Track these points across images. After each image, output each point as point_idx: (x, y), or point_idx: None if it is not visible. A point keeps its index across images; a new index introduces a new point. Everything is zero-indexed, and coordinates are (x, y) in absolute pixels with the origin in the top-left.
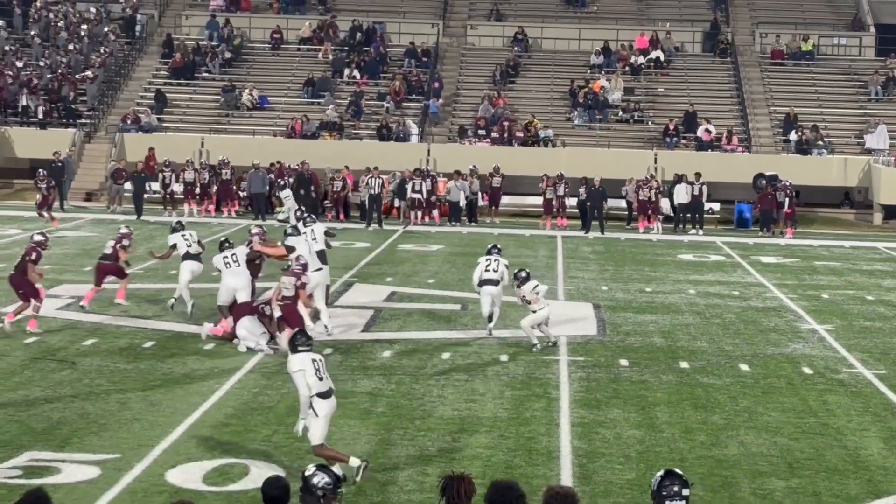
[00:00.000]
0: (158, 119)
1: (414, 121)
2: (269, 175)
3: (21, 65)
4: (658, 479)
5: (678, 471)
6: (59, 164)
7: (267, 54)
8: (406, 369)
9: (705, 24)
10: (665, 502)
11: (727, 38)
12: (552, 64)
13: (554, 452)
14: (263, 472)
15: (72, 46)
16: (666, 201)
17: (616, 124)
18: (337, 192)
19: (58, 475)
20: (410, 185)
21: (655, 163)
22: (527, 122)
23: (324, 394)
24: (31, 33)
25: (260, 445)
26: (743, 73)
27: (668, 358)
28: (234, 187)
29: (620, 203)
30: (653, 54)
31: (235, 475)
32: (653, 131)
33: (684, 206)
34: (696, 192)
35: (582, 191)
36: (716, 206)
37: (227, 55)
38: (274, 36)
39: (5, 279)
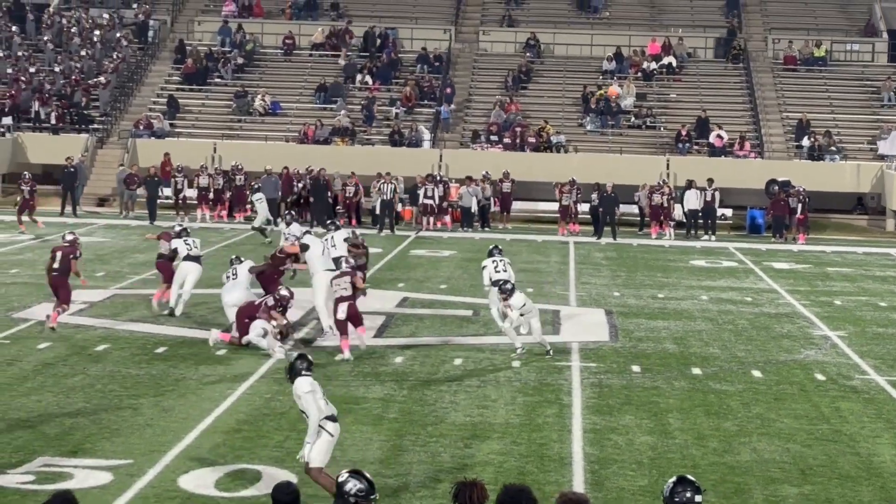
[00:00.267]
0: (171, 125)
1: (426, 126)
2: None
3: (34, 70)
4: (671, 486)
5: (691, 477)
6: (71, 170)
7: (279, 60)
8: (418, 375)
9: (719, 30)
10: None
11: (740, 44)
12: (564, 70)
13: (566, 459)
14: (275, 478)
15: (84, 52)
16: (679, 207)
17: (628, 130)
18: (349, 198)
19: (70, 481)
20: (422, 191)
21: (668, 169)
22: (539, 128)
23: (332, 417)
24: (44, 39)
25: (272, 451)
26: (755, 78)
27: (681, 364)
28: (248, 193)
29: (633, 209)
30: (665, 60)
31: (248, 481)
32: (665, 137)
33: (695, 212)
34: (708, 198)
35: (594, 197)
36: (728, 212)
37: (240, 61)
38: (286, 42)
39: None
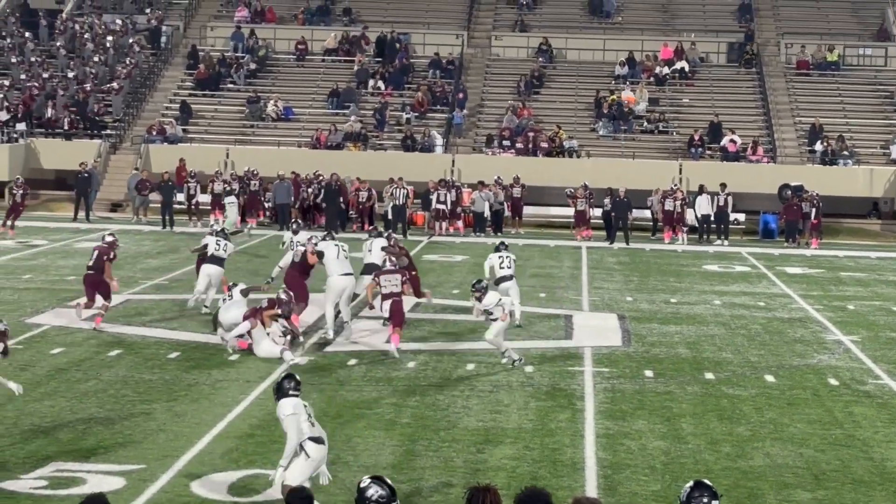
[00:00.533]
0: (183, 130)
1: (438, 131)
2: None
3: (47, 76)
4: (687, 491)
5: (707, 482)
6: (85, 175)
7: (292, 65)
8: (431, 380)
9: (732, 34)
10: None
11: (752, 49)
12: (577, 74)
13: (579, 464)
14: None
15: (97, 58)
16: (691, 212)
17: (641, 135)
18: (362, 203)
19: (83, 486)
20: (435, 196)
21: (680, 173)
22: (551, 133)
23: (316, 438)
24: (57, 45)
25: None
26: (768, 83)
27: (694, 369)
28: (261, 198)
29: (645, 214)
30: (677, 65)
31: (260, 486)
32: (678, 142)
33: (707, 216)
34: (721, 203)
35: (607, 201)
36: (741, 217)
37: (252, 66)
38: (299, 47)
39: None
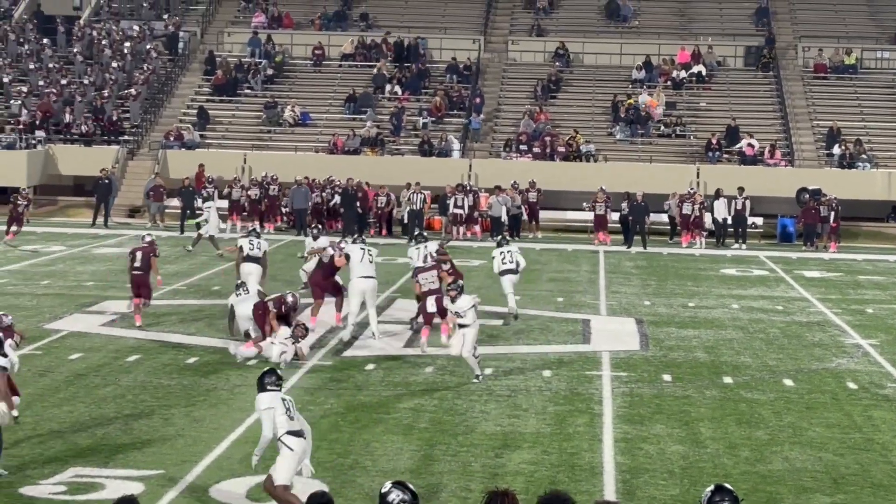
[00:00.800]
0: (201, 136)
1: (455, 136)
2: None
3: (65, 82)
4: (708, 495)
5: (728, 486)
6: (106, 182)
7: (309, 70)
8: (448, 385)
9: (749, 38)
10: None
11: (770, 53)
12: (594, 79)
13: (597, 468)
14: (307, 489)
15: (115, 64)
16: (709, 216)
17: (658, 139)
18: (381, 208)
19: (102, 491)
20: (452, 201)
21: (698, 177)
22: (569, 137)
23: (295, 432)
24: (74, 51)
25: None
26: (785, 87)
27: (712, 373)
28: (280, 203)
29: (663, 218)
30: (695, 69)
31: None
32: (695, 146)
33: (724, 220)
34: (739, 207)
35: (624, 205)
36: (759, 221)
37: (269, 72)
38: (315, 52)
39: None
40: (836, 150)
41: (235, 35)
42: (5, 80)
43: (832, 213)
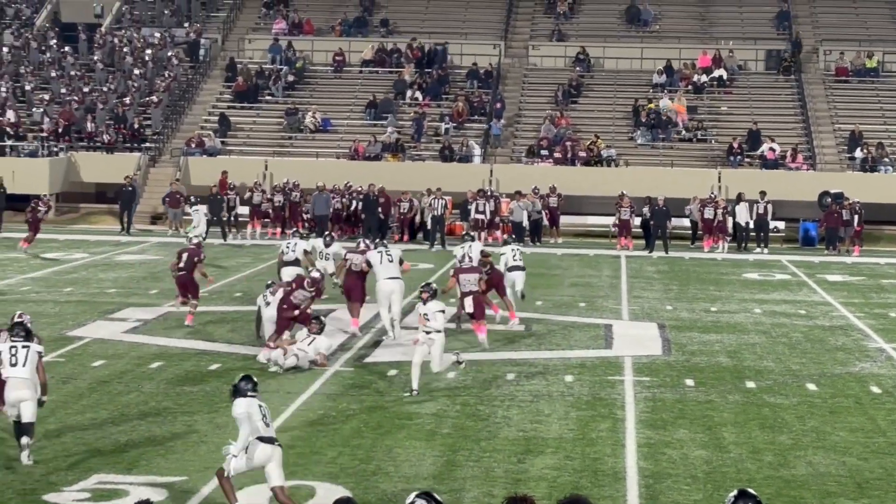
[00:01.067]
0: (222, 142)
1: (476, 141)
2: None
3: (87, 90)
4: (731, 500)
5: (751, 490)
6: (129, 189)
7: (329, 77)
8: (471, 390)
9: (771, 42)
10: None
11: (792, 56)
12: (614, 83)
13: (620, 473)
14: (330, 494)
15: (137, 71)
16: (731, 220)
17: (679, 143)
18: (403, 214)
19: (125, 498)
20: (473, 206)
21: (719, 181)
22: (590, 142)
23: (265, 439)
24: (95, 58)
25: (326, 467)
26: (807, 90)
27: (735, 378)
28: (301, 210)
29: (684, 222)
30: (716, 73)
31: (302, 497)
32: (716, 150)
33: (746, 225)
34: (761, 211)
35: (646, 210)
36: (781, 225)
37: (290, 78)
38: (336, 58)
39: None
40: (858, 153)
41: (256, 42)
42: (27, 88)
43: (856, 217)
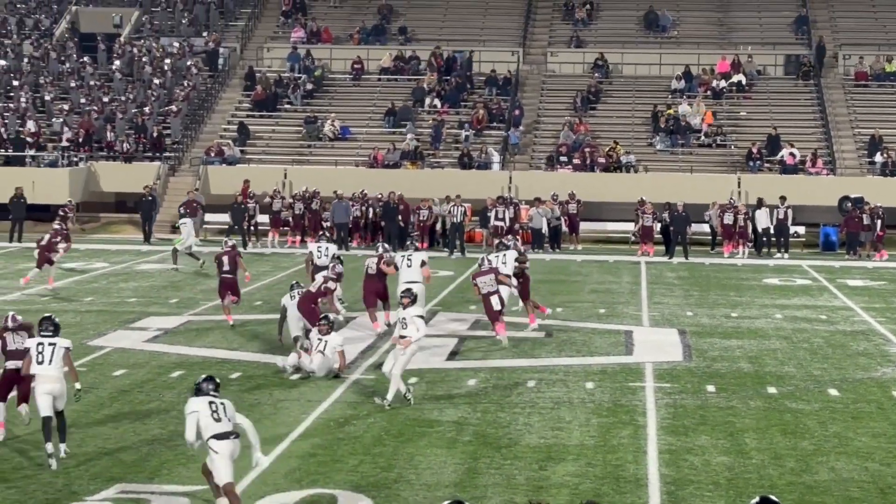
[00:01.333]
0: (241, 151)
1: (495, 148)
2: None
3: (107, 100)
4: None
5: (774, 497)
6: (149, 198)
7: (348, 85)
8: (491, 398)
9: (790, 46)
10: None
11: (810, 61)
12: (633, 89)
13: (642, 480)
14: (351, 503)
15: (156, 81)
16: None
17: (698, 149)
18: (423, 222)
19: None
20: (493, 213)
21: (739, 187)
22: (609, 148)
23: (220, 434)
24: (114, 68)
25: (347, 475)
26: (826, 95)
27: (756, 383)
28: (322, 218)
29: (704, 228)
30: (735, 78)
31: None
32: (735, 155)
33: (766, 230)
34: (781, 216)
35: (665, 216)
36: (801, 230)
37: (309, 86)
38: (355, 66)
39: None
40: (878, 157)
41: (275, 50)
42: (47, 98)
43: (879, 222)
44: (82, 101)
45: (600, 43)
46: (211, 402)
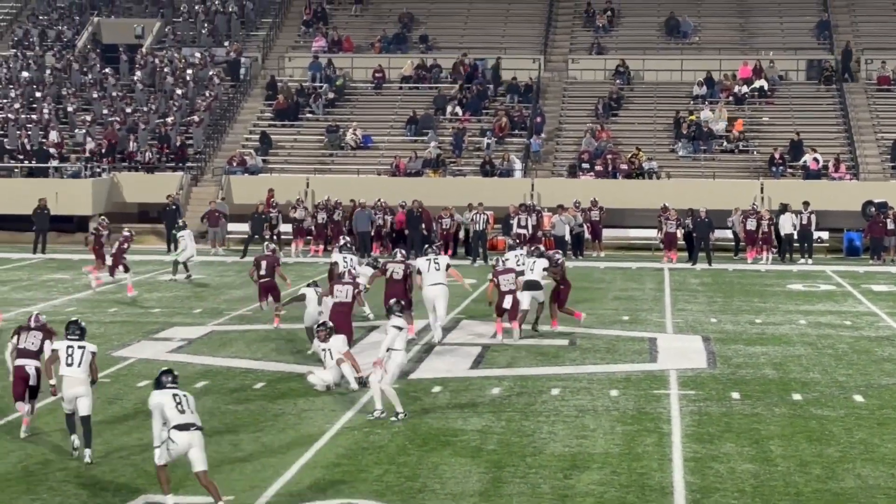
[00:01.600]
0: (263, 161)
1: (517, 156)
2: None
3: (129, 110)
4: None
5: None
6: (173, 208)
7: (369, 93)
8: (515, 406)
9: (812, 51)
10: None
11: (832, 66)
12: (655, 95)
13: (667, 488)
14: None
15: (178, 91)
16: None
17: (721, 154)
18: (446, 230)
19: None
20: (515, 221)
21: (762, 192)
22: (631, 155)
23: (181, 426)
24: (136, 79)
25: (372, 485)
26: (849, 99)
27: (781, 390)
28: (343, 228)
29: (727, 234)
30: (756, 83)
31: None
32: (758, 161)
33: (790, 235)
34: (804, 221)
35: (688, 222)
36: (825, 235)
37: (331, 95)
38: (376, 75)
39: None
40: None
41: (296, 60)
42: (70, 109)
43: None
44: (105, 112)
45: (621, 49)
46: (175, 395)
